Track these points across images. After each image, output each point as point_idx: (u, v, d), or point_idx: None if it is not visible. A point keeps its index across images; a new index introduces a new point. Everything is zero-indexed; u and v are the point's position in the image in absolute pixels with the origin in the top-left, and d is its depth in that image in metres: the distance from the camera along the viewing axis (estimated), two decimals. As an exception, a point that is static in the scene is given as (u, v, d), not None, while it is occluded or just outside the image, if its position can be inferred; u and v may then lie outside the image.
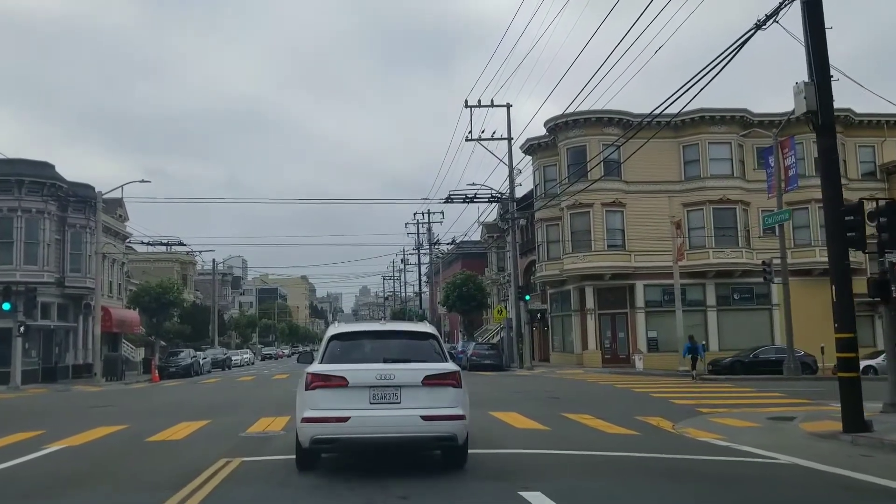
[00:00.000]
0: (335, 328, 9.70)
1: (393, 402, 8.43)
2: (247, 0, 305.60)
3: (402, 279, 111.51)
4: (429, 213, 79.36)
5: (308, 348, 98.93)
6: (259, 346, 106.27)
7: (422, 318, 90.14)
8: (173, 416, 16.86)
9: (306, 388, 8.70)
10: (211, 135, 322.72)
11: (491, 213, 76.62)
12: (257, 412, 17.36)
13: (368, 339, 9.59)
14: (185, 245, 41.55)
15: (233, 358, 65.30)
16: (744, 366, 33.51)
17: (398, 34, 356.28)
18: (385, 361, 8.76)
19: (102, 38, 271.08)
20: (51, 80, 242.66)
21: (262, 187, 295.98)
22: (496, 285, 63.55)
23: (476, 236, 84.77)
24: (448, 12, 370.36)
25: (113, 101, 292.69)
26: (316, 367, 8.89)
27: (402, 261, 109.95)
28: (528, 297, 38.41)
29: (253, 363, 72.88)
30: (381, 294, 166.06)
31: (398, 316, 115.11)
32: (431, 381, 8.58)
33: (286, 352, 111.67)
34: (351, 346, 9.24)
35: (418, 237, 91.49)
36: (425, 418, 8.36)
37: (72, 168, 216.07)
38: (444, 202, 39.73)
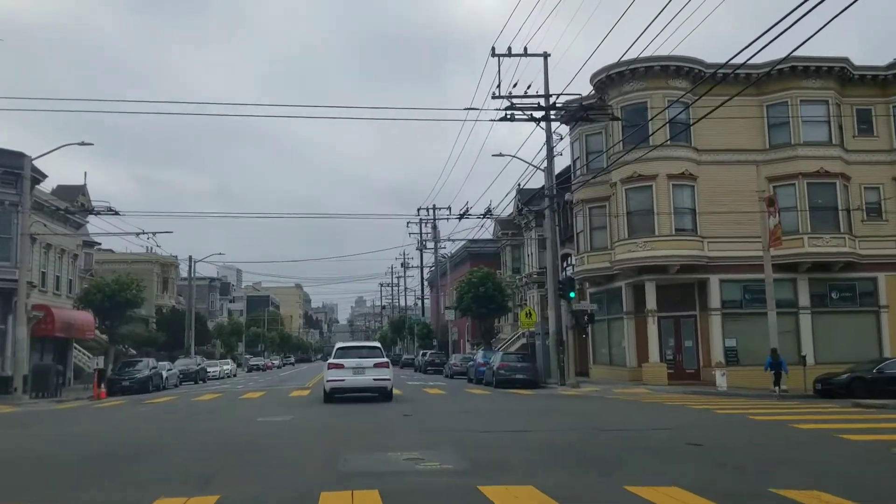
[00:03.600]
0: (340, 344, 24.39)
1: (361, 374, 21.40)
2: (235, 10, 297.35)
3: (403, 284, 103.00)
4: (434, 208, 71.02)
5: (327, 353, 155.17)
6: (247, 357, 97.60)
7: (425, 326, 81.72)
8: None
9: (328, 369, 21.90)
10: (200, 144, 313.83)
11: (507, 207, 68.13)
12: (171, 473, 9.00)
13: (353, 349, 23.42)
14: (117, 212, 32.45)
15: (209, 369, 56.67)
16: (866, 384, 25.16)
17: (389, 45, 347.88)
18: (359, 358, 21.90)
19: (89, 46, 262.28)
20: (35, 86, 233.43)
21: (253, 197, 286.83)
22: (510, 288, 55.21)
23: (487, 234, 76.90)
24: (437, 21, 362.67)
25: (99, 109, 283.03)
26: (331, 360, 22.10)
27: (403, 265, 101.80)
28: (572, 295, 30.04)
29: (234, 375, 64.26)
30: (378, 303, 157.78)
31: (398, 325, 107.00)
32: (377, 365, 21.67)
33: (276, 363, 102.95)
34: (346, 351, 22.65)
35: (421, 236, 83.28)
36: (374, 380, 21.45)
37: (56, 175, 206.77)
38: (503, 117, 29.87)
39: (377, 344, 25.20)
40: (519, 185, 55.69)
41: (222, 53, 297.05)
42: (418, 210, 71.27)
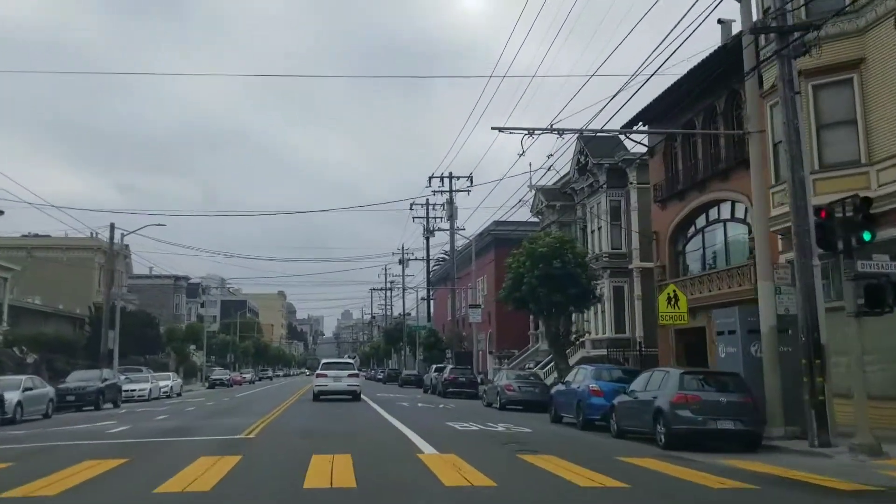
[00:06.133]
0: (324, 360, 38.96)
1: (339, 381, 31.03)
2: (218, 19, 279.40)
3: (402, 283, 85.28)
4: (451, 176, 53.80)
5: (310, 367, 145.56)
6: (215, 368, 79.68)
7: (432, 334, 65.23)
8: None
9: (316, 377, 32.56)
10: (185, 153, 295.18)
11: (559, 171, 50.75)
12: None
13: (334, 363, 35.16)
14: None
15: (132, 387, 39.13)
16: None
17: (374, 56, 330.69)
18: (338, 370, 32.22)
19: (70, 51, 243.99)
20: (16, 92, 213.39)
21: (240, 206, 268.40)
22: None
23: (519, 215, 60.06)
24: (424, 33, 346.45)
25: (80, 116, 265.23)
26: (318, 371, 32.91)
27: (401, 261, 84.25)
28: (868, 236, 12.81)
29: (178, 394, 46.62)
30: (367, 313, 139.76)
31: (393, 334, 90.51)
32: (350, 375, 31.90)
33: (248, 377, 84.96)
34: (329, 365, 33.47)
35: (427, 221, 66.07)
36: (348, 385, 31.18)
37: (37, 182, 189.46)
38: None
39: (351, 361, 43.49)
40: (581, 132, 38.88)
41: (207, 62, 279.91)
42: (429, 179, 53.95)
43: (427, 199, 66.46)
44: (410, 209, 66.30)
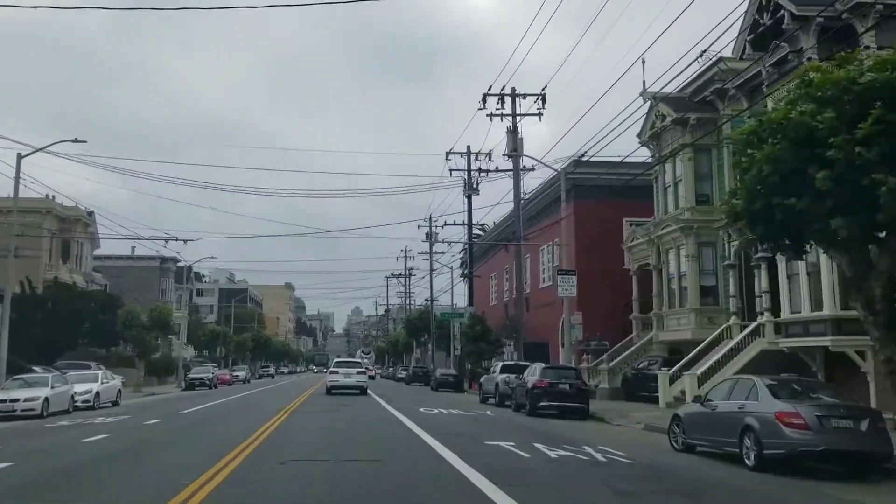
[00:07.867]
0: (336, 359, 48.03)
1: (349, 378, 37.48)
2: (226, 13, 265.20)
3: (430, 262, 68.97)
4: (514, 94, 37.48)
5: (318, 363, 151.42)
6: (206, 364, 63.83)
7: (476, 321, 49.12)
8: None
9: (329, 374, 40.35)
10: (186, 145, 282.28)
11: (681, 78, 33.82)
12: None
13: (345, 362, 42.73)
14: None
15: (14, 398, 23.18)
16: None
17: (381, 46, 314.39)
18: (348, 368, 39.30)
19: (70, 43, 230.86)
20: (14, 84, 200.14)
21: (243, 200, 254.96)
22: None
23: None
24: (429, 26, 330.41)
25: (80, 107, 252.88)
26: (331, 369, 41.13)
27: (428, 234, 68.11)
28: None
29: (114, 403, 30.56)
30: (381, 306, 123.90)
31: (416, 325, 74.93)
32: (358, 372, 38.79)
33: (240, 375, 69.01)
34: (340, 364, 40.84)
35: (468, 174, 49.93)
36: (357, 381, 37.54)
37: (38, 172, 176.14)
38: None
39: (359, 360, 56.21)
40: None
41: (208, 53, 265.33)
42: (483, 98, 37.75)
43: (468, 147, 50.88)
44: (447, 159, 50.36)
